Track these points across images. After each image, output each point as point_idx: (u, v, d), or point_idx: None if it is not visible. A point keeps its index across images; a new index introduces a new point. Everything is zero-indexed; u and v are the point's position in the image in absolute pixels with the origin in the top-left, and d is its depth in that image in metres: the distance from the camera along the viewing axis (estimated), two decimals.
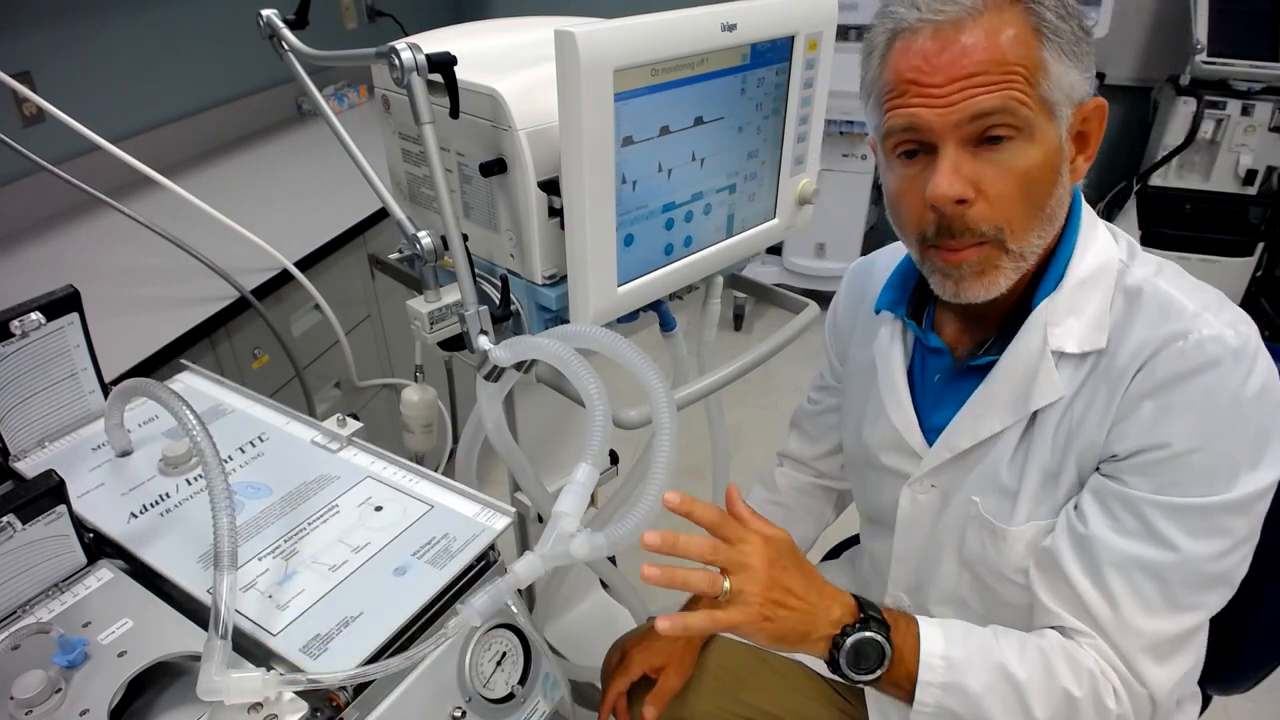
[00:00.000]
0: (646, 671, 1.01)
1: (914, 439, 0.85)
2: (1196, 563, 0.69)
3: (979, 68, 0.67)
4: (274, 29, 1.02)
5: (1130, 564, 0.70)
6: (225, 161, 2.05)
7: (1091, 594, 0.72)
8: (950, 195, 0.69)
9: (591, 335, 0.76)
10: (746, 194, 0.98)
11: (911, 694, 0.74)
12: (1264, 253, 2.74)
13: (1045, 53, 0.67)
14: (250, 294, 1.36)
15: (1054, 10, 0.68)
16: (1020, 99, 0.67)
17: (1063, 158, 0.71)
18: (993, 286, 0.74)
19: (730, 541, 0.73)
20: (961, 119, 0.68)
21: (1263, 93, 2.57)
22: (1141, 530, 0.70)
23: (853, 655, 0.73)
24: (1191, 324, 0.68)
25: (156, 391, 0.73)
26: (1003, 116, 0.67)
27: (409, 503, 0.78)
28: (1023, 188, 0.70)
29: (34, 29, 1.65)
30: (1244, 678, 0.95)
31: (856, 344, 0.97)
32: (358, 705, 0.63)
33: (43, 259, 1.54)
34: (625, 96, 0.78)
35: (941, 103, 0.68)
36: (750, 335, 3.12)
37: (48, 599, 0.69)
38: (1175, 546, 0.68)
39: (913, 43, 0.69)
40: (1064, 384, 0.74)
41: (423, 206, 1.04)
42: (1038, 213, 0.71)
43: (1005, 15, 0.67)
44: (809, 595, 0.73)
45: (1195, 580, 0.69)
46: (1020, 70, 0.67)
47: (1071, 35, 0.68)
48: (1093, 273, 0.74)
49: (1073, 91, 0.69)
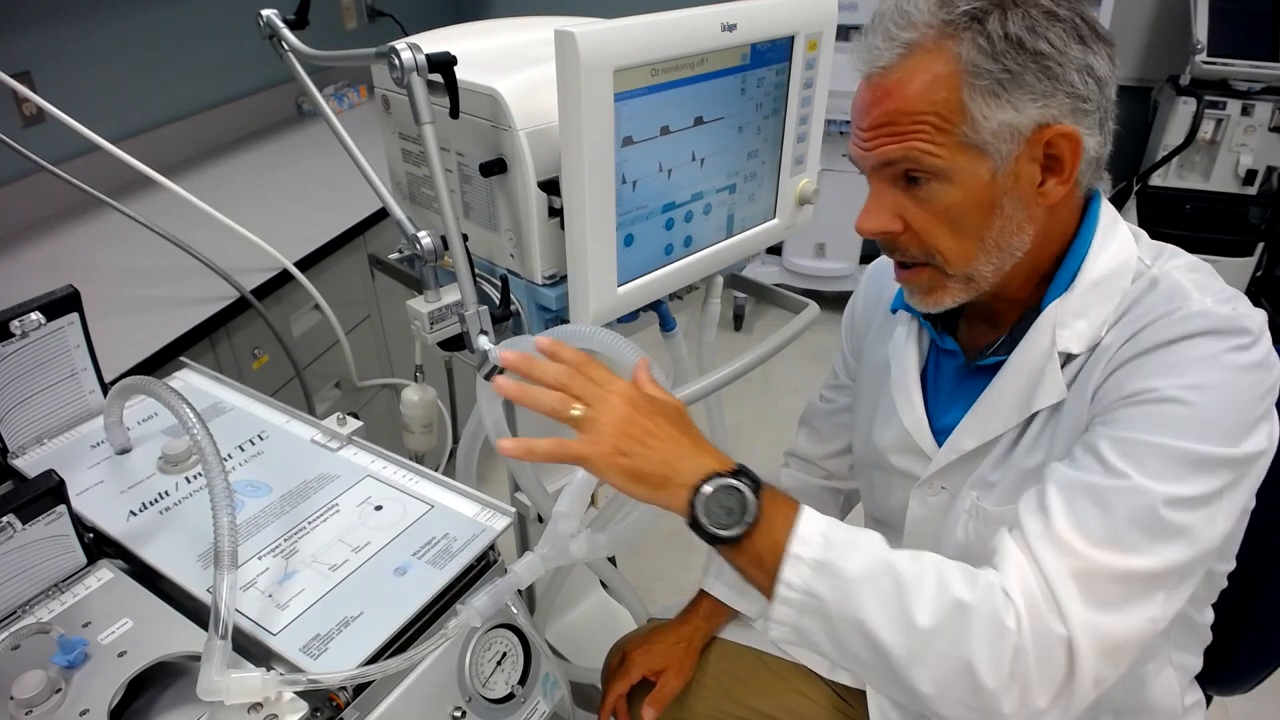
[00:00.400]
0: (646, 674, 1.01)
1: (924, 440, 0.85)
2: (1146, 496, 0.62)
3: (887, 118, 0.69)
4: (274, 29, 1.02)
5: (1074, 485, 0.65)
6: (225, 161, 2.05)
7: (1029, 512, 0.66)
8: (865, 229, 0.74)
9: (591, 335, 0.76)
10: (746, 194, 0.98)
11: (773, 580, 0.65)
12: (1264, 253, 2.74)
13: (964, 95, 0.66)
14: (250, 294, 1.36)
15: (984, 49, 0.66)
16: (922, 149, 0.68)
17: (1002, 190, 0.69)
18: (939, 304, 0.76)
19: (594, 380, 0.68)
20: (875, 164, 0.72)
21: (1263, 93, 2.57)
22: (1094, 461, 0.65)
23: (714, 504, 0.64)
24: (1183, 303, 0.67)
25: (156, 389, 0.73)
26: (904, 165, 0.70)
27: (409, 502, 0.78)
28: (947, 223, 0.71)
29: (34, 29, 1.65)
30: (1244, 678, 0.95)
31: (872, 344, 0.97)
32: (358, 705, 0.63)
33: (43, 259, 1.54)
34: (625, 96, 0.78)
35: (864, 147, 0.72)
36: (750, 335, 3.12)
37: (48, 599, 0.69)
38: (1123, 474, 0.63)
39: (862, 83, 0.72)
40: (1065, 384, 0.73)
41: (423, 206, 1.04)
42: (975, 244, 0.72)
43: (930, 59, 0.67)
44: (678, 440, 0.67)
45: (1145, 518, 0.62)
46: (929, 119, 0.67)
47: (1003, 72, 0.66)
48: (1107, 275, 0.73)
49: (1013, 128, 0.67)
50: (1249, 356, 0.64)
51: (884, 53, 0.69)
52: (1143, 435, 0.64)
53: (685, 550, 2.06)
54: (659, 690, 0.99)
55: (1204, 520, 0.63)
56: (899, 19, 0.69)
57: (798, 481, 1.13)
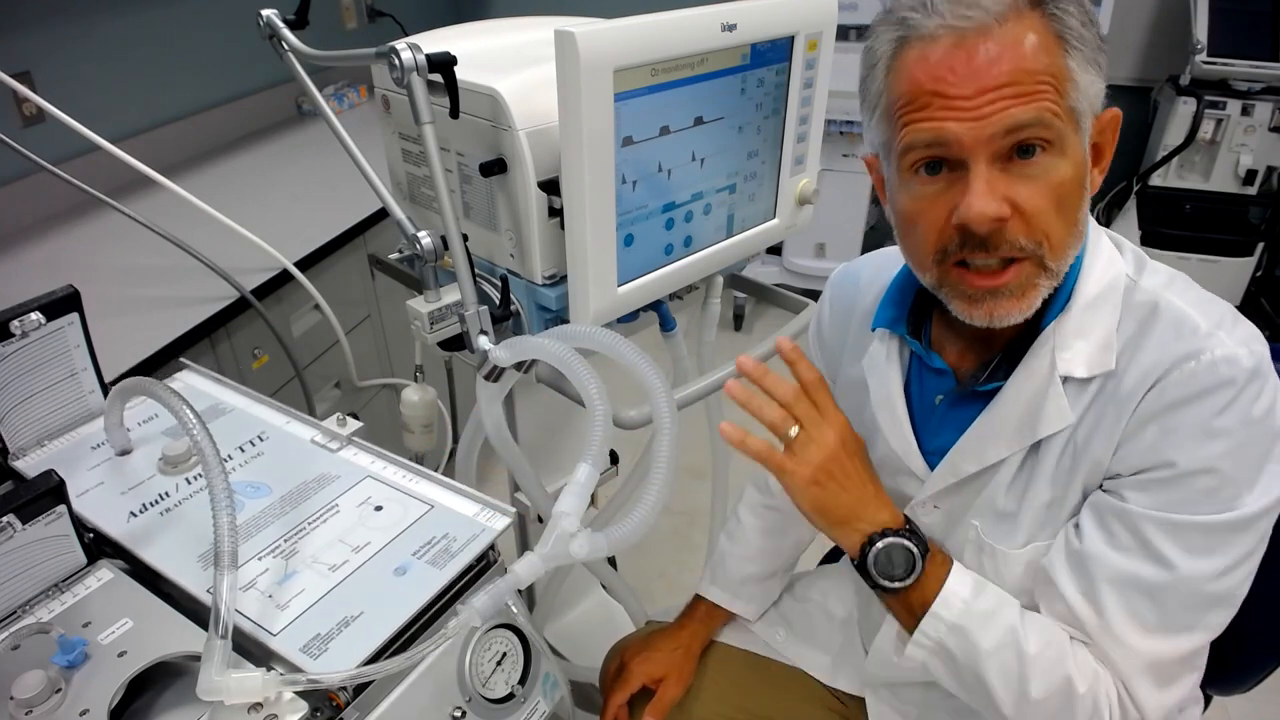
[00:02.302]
0: (646, 683, 1.01)
1: (915, 463, 0.82)
2: (1195, 582, 0.66)
3: (1009, 78, 0.62)
4: (274, 29, 1.02)
5: (1125, 581, 0.68)
6: (225, 161, 2.05)
7: (1084, 608, 0.69)
8: (989, 215, 0.64)
9: (591, 335, 0.76)
10: (746, 194, 0.98)
11: (916, 624, 0.73)
12: (1264, 253, 2.73)
13: (1071, 61, 0.64)
14: (250, 294, 1.36)
15: (1078, 17, 0.64)
16: (1053, 110, 0.63)
17: (1086, 170, 0.68)
18: (1029, 308, 0.69)
19: (818, 406, 0.75)
20: (995, 132, 0.63)
21: (1263, 93, 2.57)
22: (1137, 547, 0.67)
23: (885, 556, 0.72)
24: (1205, 343, 0.65)
25: (156, 390, 0.73)
26: (1037, 129, 0.63)
27: (409, 502, 0.78)
28: (1057, 202, 0.66)
29: (34, 29, 1.65)
30: (1244, 678, 0.95)
31: (847, 360, 0.93)
32: (358, 705, 0.63)
33: (43, 259, 1.54)
34: (625, 96, 0.78)
35: (971, 115, 0.63)
36: (750, 335, 3.12)
37: (48, 599, 0.69)
38: (1172, 565, 0.66)
39: (931, 51, 0.64)
40: (1071, 409, 0.71)
41: (423, 206, 1.04)
42: (1072, 228, 0.67)
43: (1029, 23, 0.63)
44: (866, 486, 0.75)
45: (1194, 601, 0.67)
46: (1049, 80, 0.63)
47: (1094, 43, 0.65)
48: (1100, 291, 0.71)
49: (1095, 102, 0.66)
50: (1265, 403, 0.65)
51: (981, 12, 0.63)
52: (1184, 515, 0.66)
53: (685, 550, 2.07)
54: (658, 699, 0.99)
55: (1243, 578, 0.68)
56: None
57: None
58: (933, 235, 0.69)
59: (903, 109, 0.67)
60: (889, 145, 0.70)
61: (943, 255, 0.69)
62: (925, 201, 0.68)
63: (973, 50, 0.63)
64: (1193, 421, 0.65)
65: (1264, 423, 0.65)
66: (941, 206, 0.67)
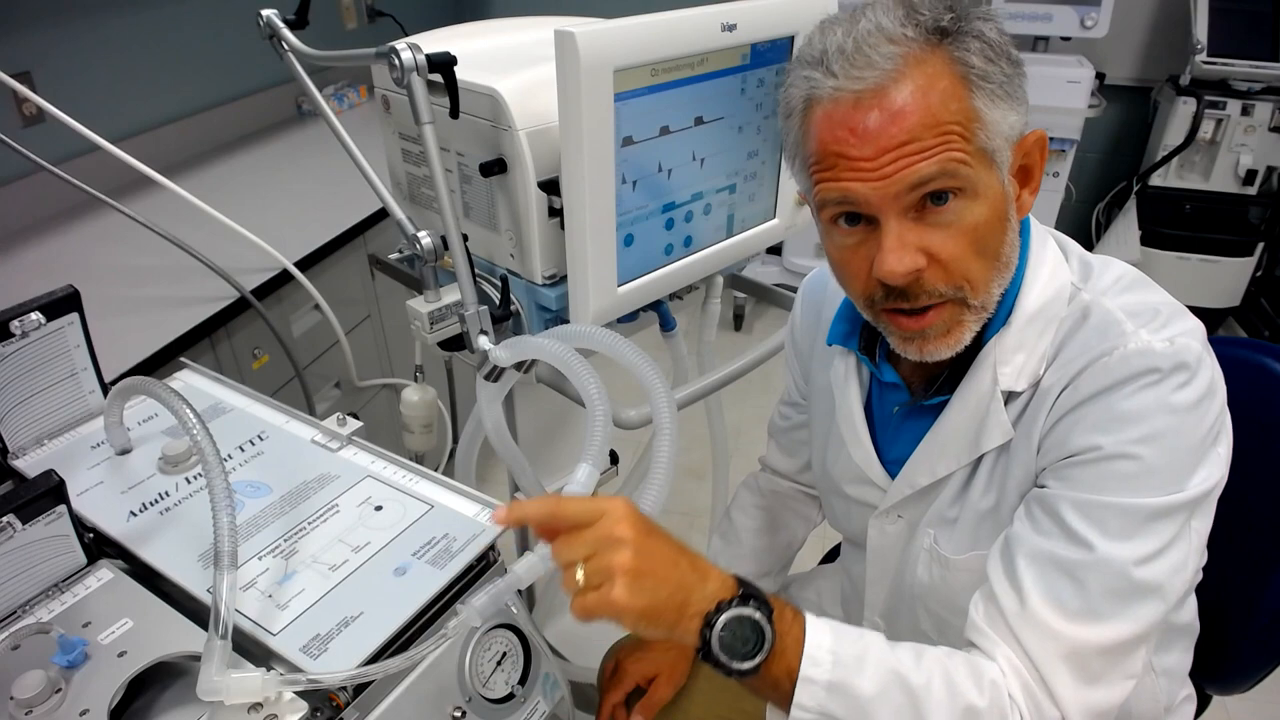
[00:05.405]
0: (639, 682, 1.01)
1: (875, 474, 0.83)
2: (1115, 565, 0.63)
3: (909, 135, 0.62)
4: (274, 29, 1.02)
5: (1043, 558, 0.66)
6: (225, 161, 2.05)
7: (1002, 585, 0.67)
8: (899, 272, 0.65)
9: (591, 335, 0.76)
10: (746, 194, 0.98)
11: (790, 696, 0.64)
12: (1264, 253, 2.73)
13: (977, 101, 0.63)
14: (250, 294, 1.36)
15: (980, 54, 0.63)
16: (959, 158, 0.63)
17: (1008, 201, 0.67)
18: (957, 344, 0.70)
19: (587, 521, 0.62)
20: (900, 190, 0.63)
21: (1263, 93, 2.57)
22: (1056, 527, 0.66)
23: (729, 636, 0.61)
24: (1121, 340, 0.65)
25: (156, 389, 0.73)
26: (943, 181, 0.63)
27: (409, 502, 0.78)
28: (974, 245, 0.66)
29: (34, 29, 1.65)
30: (1243, 678, 0.95)
31: (817, 365, 0.93)
32: (358, 705, 0.63)
33: (43, 259, 1.54)
34: (625, 96, 0.78)
35: (875, 176, 0.63)
36: (750, 335, 3.12)
37: (48, 599, 0.69)
38: (1089, 544, 0.64)
39: (834, 111, 0.64)
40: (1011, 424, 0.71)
41: (423, 206, 1.04)
42: (993, 264, 0.67)
43: (929, 69, 0.62)
44: (681, 564, 0.63)
45: (1116, 585, 0.64)
46: (954, 127, 0.62)
47: (1002, 75, 0.64)
48: (1042, 305, 0.71)
49: (1012, 132, 0.65)
50: (1190, 394, 0.64)
51: (875, 71, 0.62)
52: (1101, 496, 0.64)
53: None
54: (648, 698, 0.99)
55: (1172, 569, 0.65)
56: (873, 37, 0.63)
57: (775, 485, 1.12)
58: (859, 284, 0.70)
59: (814, 167, 0.67)
60: (810, 194, 0.71)
61: (871, 301, 0.70)
62: (848, 251, 0.69)
63: (869, 111, 0.62)
64: (1103, 407, 0.65)
65: (1191, 413, 0.64)
66: (862, 257, 0.68)
